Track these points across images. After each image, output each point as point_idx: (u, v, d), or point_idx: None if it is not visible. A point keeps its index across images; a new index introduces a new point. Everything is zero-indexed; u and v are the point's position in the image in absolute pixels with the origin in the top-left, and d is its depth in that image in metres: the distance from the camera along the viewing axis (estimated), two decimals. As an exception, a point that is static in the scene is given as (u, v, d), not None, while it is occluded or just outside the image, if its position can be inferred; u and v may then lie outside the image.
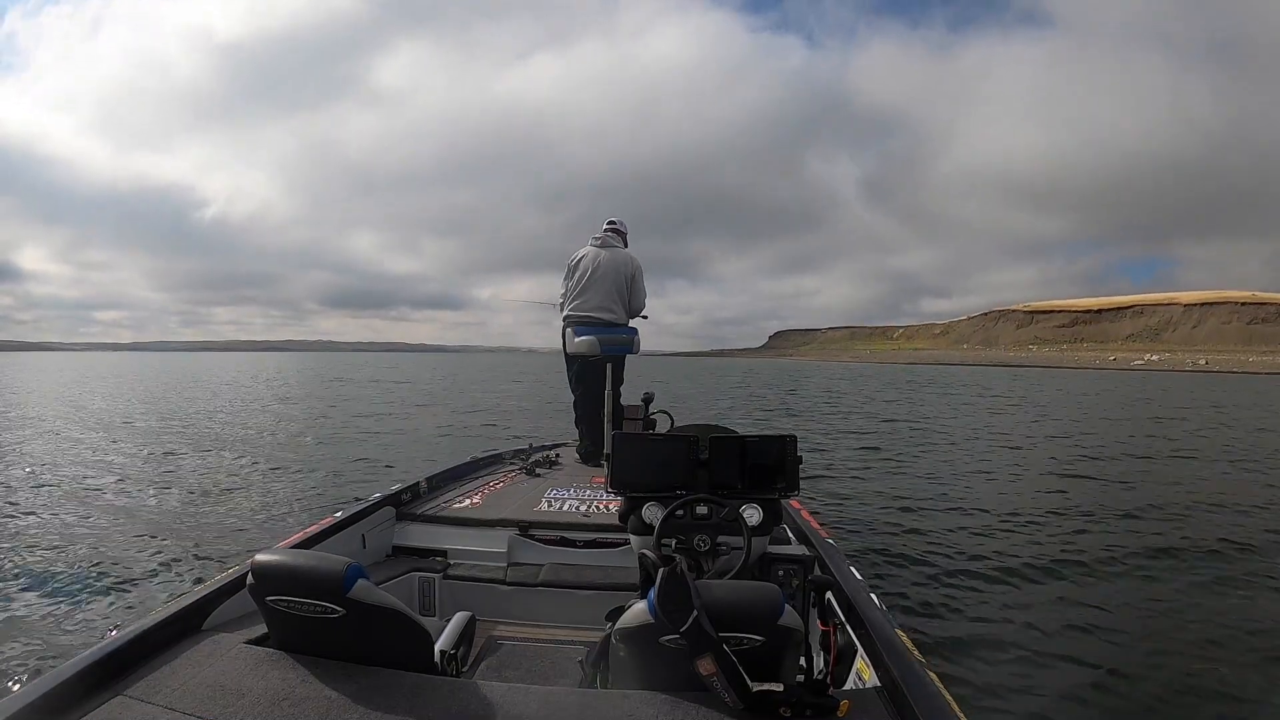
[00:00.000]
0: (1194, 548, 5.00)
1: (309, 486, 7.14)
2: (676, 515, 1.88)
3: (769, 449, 1.98)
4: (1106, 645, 3.33)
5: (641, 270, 4.40)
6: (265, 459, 8.99)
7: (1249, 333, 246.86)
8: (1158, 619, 3.69)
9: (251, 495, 6.72)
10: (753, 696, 1.22)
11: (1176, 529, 5.59)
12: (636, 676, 1.35)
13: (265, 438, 11.39)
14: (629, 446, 2.02)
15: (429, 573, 2.66)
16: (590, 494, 3.34)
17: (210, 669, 1.40)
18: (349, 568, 1.36)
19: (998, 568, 4.50)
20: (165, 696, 1.32)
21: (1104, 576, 4.36)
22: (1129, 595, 4.05)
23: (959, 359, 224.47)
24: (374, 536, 2.78)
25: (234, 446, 10.19)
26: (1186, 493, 7.18)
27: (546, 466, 4.02)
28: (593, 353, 4.17)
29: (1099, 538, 5.31)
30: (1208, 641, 3.36)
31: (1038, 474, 8.52)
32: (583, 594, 2.50)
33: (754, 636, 1.26)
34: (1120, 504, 6.52)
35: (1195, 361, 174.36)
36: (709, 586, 1.31)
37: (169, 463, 8.65)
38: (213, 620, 1.71)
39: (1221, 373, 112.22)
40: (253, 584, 1.40)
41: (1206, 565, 4.62)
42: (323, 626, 1.36)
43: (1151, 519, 5.92)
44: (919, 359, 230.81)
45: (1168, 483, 7.82)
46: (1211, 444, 11.85)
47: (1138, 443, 11.92)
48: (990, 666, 3.08)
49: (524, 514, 3.00)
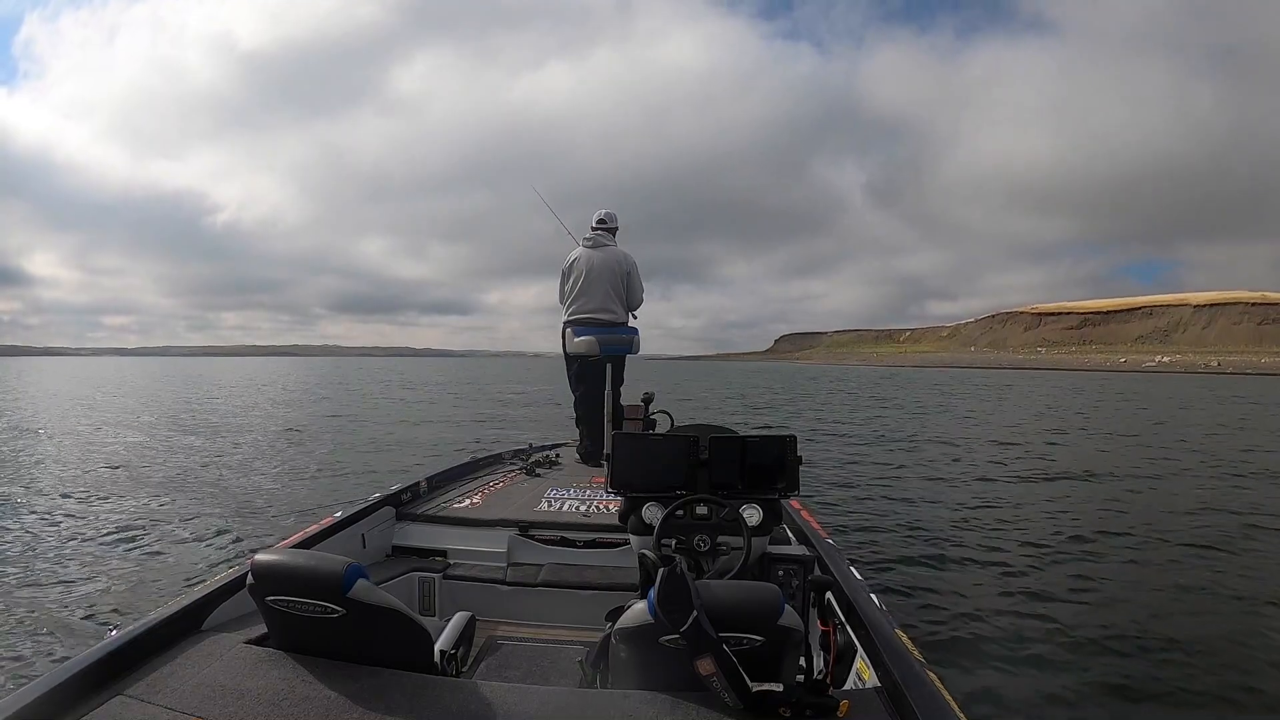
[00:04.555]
0: (1202, 551, 4.94)
1: (323, 486, 7.17)
2: (676, 515, 1.88)
3: (769, 449, 1.98)
4: (1107, 646, 3.30)
5: (636, 265, 4.42)
6: (265, 460, 9.03)
7: (1260, 333, 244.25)
8: (1159, 619, 3.65)
9: (252, 495, 6.75)
10: (753, 696, 1.21)
11: (1185, 532, 5.51)
12: (636, 676, 1.35)
13: (278, 441, 11.43)
14: (629, 446, 2.02)
15: (429, 573, 2.66)
16: (590, 494, 3.34)
17: (210, 669, 1.40)
18: (349, 568, 1.36)
19: (998, 568, 4.47)
20: (165, 696, 1.32)
21: (1105, 577, 4.32)
22: (1130, 596, 4.01)
23: (967, 361, 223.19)
24: (374, 536, 2.78)
25: (234, 447, 10.25)
26: (1204, 499, 7.01)
27: (546, 466, 4.02)
28: (592, 353, 4.20)
29: (1100, 538, 5.26)
30: (1210, 643, 3.33)
31: (1038, 474, 8.44)
32: (583, 594, 2.49)
33: (754, 636, 1.25)
34: (1124, 507, 6.46)
35: (1208, 363, 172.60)
36: (709, 586, 1.31)
37: (169, 463, 8.71)
38: (212, 620, 1.71)
39: (1235, 374, 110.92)
40: (252, 584, 1.40)
41: (1212, 568, 4.55)
42: (322, 626, 1.36)
43: (1158, 523, 5.83)
44: (926, 362, 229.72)
45: (1178, 489, 7.66)
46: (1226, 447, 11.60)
47: (1154, 447, 11.69)
48: (990, 666, 3.06)
49: (524, 514, 3.00)
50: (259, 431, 12.57)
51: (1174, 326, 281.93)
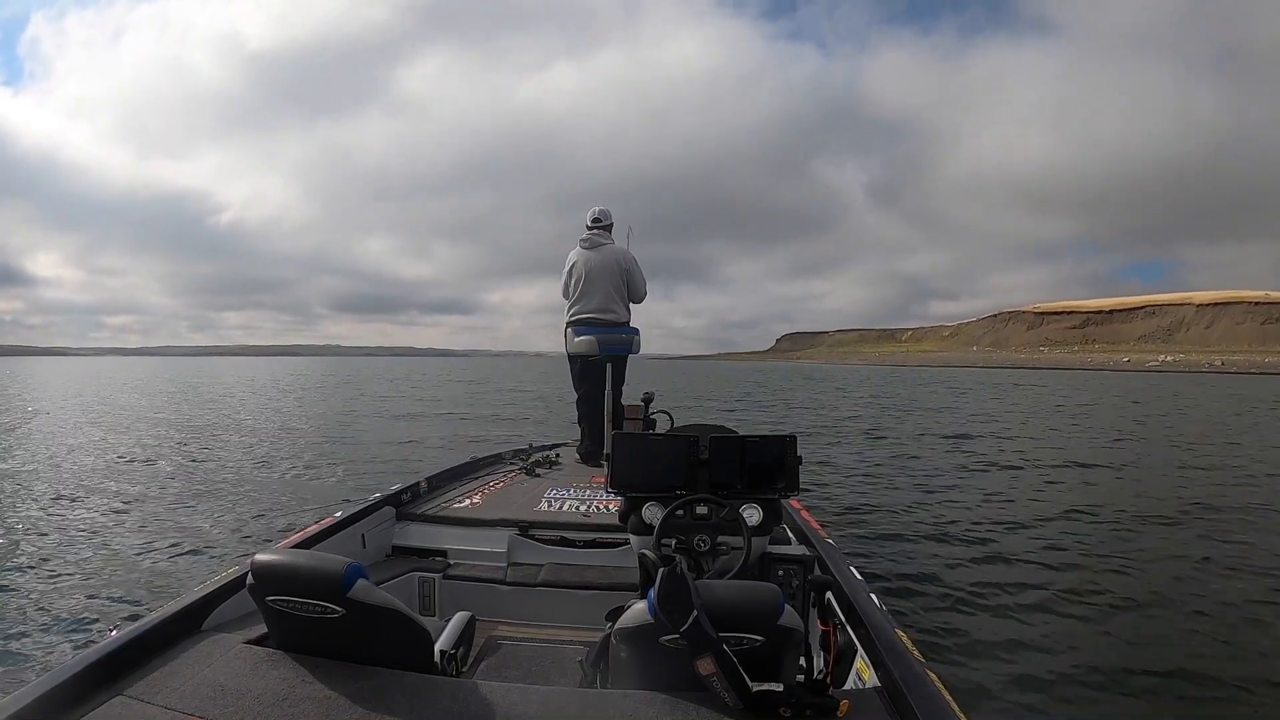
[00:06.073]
0: (1206, 549, 4.92)
1: (325, 485, 7.18)
2: (676, 515, 1.87)
3: (769, 449, 1.98)
4: (1108, 646, 3.28)
5: (634, 260, 4.44)
6: (264, 463, 9.04)
7: (1263, 333, 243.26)
8: (1160, 619, 3.64)
9: (252, 495, 6.76)
10: (753, 696, 1.21)
11: (1189, 531, 5.50)
12: (636, 676, 1.35)
13: (280, 439, 11.43)
14: (629, 446, 2.02)
15: (429, 573, 2.66)
16: (590, 494, 3.34)
17: (210, 669, 1.41)
18: (349, 568, 1.36)
19: (999, 568, 4.46)
20: (165, 696, 1.32)
21: (1106, 577, 4.30)
22: (1131, 596, 3.98)
23: (969, 361, 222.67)
24: (374, 536, 2.78)
25: (235, 449, 10.26)
26: (1210, 496, 6.94)
27: (546, 466, 4.03)
28: (591, 353, 4.22)
29: (1101, 538, 5.24)
30: (1212, 643, 3.31)
31: (1039, 474, 8.40)
32: (583, 594, 2.49)
33: (754, 636, 1.25)
34: (1128, 505, 6.41)
35: (1211, 362, 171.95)
36: (709, 586, 1.31)
37: (169, 465, 8.72)
38: (213, 620, 1.71)
39: (1240, 373, 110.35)
40: (253, 584, 1.40)
41: (1214, 567, 4.53)
42: (322, 626, 1.36)
43: (1161, 521, 5.81)
44: (928, 361, 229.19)
45: (1182, 486, 7.65)
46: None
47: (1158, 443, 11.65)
48: (990, 666, 3.05)
49: (524, 514, 3.00)
50: (271, 431, 12.56)
51: (1177, 326, 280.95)
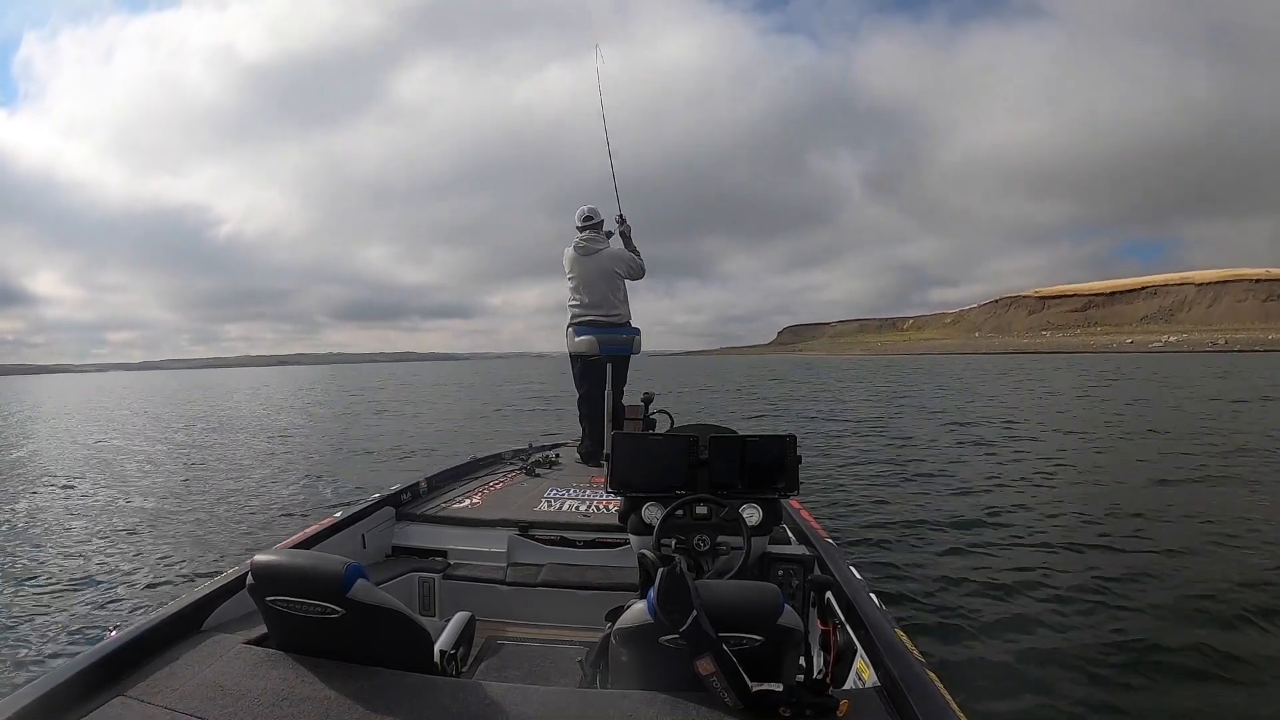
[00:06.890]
0: (1208, 548, 4.77)
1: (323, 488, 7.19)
2: (676, 515, 1.87)
3: (769, 449, 1.97)
4: (1108, 646, 3.24)
5: (626, 247, 4.43)
6: (266, 460, 9.06)
7: (1265, 310, 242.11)
8: (1160, 619, 3.56)
9: (252, 495, 6.78)
10: (752, 696, 1.21)
11: (1189, 528, 5.31)
12: (636, 676, 1.34)
13: (280, 440, 11.45)
14: (629, 446, 2.02)
15: (429, 573, 2.65)
16: (590, 494, 3.33)
17: (210, 669, 1.41)
18: (348, 568, 1.36)
19: (1000, 568, 4.37)
20: (165, 697, 1.32)
21: (1110, 577, 4.20)
22: (1132, 596, 3.90)
23: (972, 347, 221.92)
24: (374, 536, 2.78)
25: (235, 449, 10.29)
26: (1213, 494, 6.67)
27: (546, 466, 4.02)
28: (591, 352, 4.23)
29: (1101, 539, 5.09)
30: (1212, 643, 3.24)
31: (1040, 474, 8.13)
32: (583, 594, 2.49)
33: (753, 636, 1.25)
34: (1136, 506, 6.20)
35: (1215, 341, 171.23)
36: (709, 586, 1.30)
37: (169, 464, 8.75)
38: (213, 620, 1.72)
39: (1244, 352, 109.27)
40: (252, 584, 1.40)
41: (1216, 567, 4.39)
42: (322, 627, 1.36)
43: (1161, 518, 5.62)
44: (931, 349, 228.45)
45: (1181, 479, 7.31)
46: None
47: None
48: (990, 666, 3.02)
49: (524, 514, 2.99)
50: (269, 435, 12.60)
51: (1178, 306, 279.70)
